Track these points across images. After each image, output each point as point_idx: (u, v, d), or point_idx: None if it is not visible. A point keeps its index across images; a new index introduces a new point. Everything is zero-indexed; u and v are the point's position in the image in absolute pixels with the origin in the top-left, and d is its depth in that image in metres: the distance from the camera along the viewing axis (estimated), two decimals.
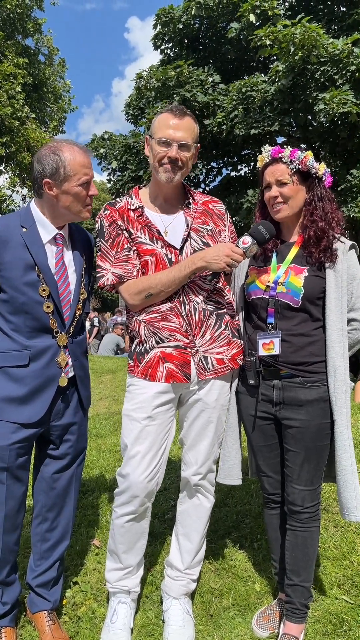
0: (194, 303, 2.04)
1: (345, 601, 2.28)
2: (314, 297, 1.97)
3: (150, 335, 2.04)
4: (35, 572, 2.15)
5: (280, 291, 1.99)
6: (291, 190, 1.99)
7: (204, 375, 2.05)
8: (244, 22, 9.80)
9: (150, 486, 2.05)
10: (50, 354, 1.97)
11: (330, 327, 1.96)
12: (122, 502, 2.07)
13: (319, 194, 2.01)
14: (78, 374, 2.08)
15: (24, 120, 13.94)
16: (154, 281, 1.99)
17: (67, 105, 17.91)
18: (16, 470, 1.96)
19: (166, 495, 3.27)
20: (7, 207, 15.50)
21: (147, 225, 2.07)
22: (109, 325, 14.39)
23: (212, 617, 2.25)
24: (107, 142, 11.58)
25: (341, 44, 8.17)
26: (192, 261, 1.96)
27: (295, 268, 2.01)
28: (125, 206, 2.10)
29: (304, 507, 2.05)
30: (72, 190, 1.91)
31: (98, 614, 2.25)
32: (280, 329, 2.00)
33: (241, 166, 12.40)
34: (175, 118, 2.01)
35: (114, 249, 2.06)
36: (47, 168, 1.88)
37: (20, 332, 1.94)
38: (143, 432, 2.04)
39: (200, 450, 2.14)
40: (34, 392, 1.94)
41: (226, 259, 1.92)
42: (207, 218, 2.16)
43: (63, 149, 1.89)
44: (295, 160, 1.97)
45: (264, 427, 2.12)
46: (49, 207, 1.96)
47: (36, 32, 15.95)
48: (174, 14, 11.29)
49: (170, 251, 2.05)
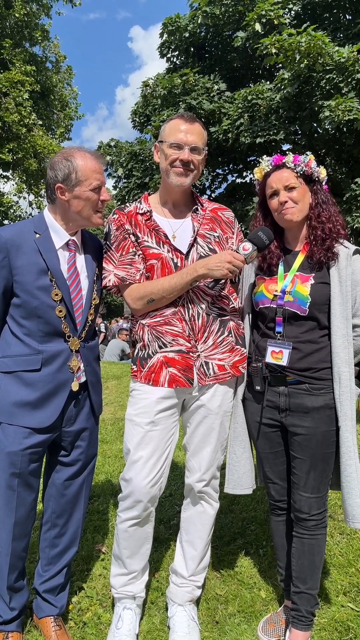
0: (197, 308, 2.06)
1: (351, 609, 2.27)
2: (320, 305, 1.98)
3: (154, 340, 2.06)
4: (43, 578, 2.16)
5: (288, 300, 2.01)
6: (299, 193, 2.01)
7: (205, 380, 2.06)
8: (250, 31, 9.88)
9: (153, 491, 2.06)
10: (63, 358, 1.98)
11: (335, 333, 1.97)
12: (126, 507, 2.08)
13: (322, 197, 2.05)
14: (90, 379, 2.10)
15: (31, 127, 14.07)
16: (156, 287, 2.01)
17: (73, 112, 18.05)
18: (28, 477, 1.97)
19: (172, 502, 3.28)
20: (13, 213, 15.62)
21: (154, 229, 2.10)
22: (114, 331, 14.42)
23: (217, 624, 2.25)
24: (113, 149, 11.66)
25: (347, 51, 8.22)
26: (194, 268, 1.98)
27: (302, 276, 2.02)
28: (134, 210, 2.14)
29: (311, 515, 2.05)
30: (84, 195, 1.94)
31: (104, 619, 2.25)
32: (288, 336, 2.01)
33: (247, 173, 12.47)
34: (187, 123, 2.07)
35: (119, 251, 2.09)
36: (60, 173, 1.93)
37: (32, 337, 1.95)
38: (146, 437, 2.05)
39: (203, 456, 2.15)
40: (46, 396, 1.96)
41: (228, 266, 1.94)
42: (215, 225, 2.19)
43: (75, 155, 1.94)
44: (299, 164, 2.00)
45: (270, 434, 2.13)
46: (61, 212, 2.00)
47: (44, 40, 16.10)
48: (181, 23, 11.41)
49: (177, 256, 2.07)
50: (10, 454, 1.93)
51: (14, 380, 1.95)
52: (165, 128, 2.11)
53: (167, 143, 2.06)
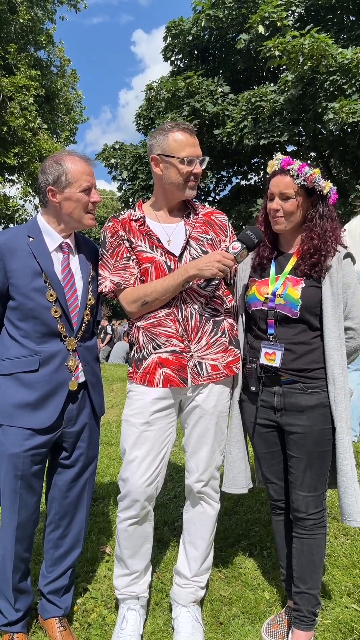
0: (191, 309, 2.09)
1: (355, 610, 2.27)
2: (312, 308, 2.00)
3: (148, 342, 2.09)
4: (47, 579, 2.18)
5: (279, 303, 2.02)
6: (292, 205, 2.01)
7: (198, 380, 2.09)
8: (253, 33, 9.91)
9: (150, 490, 2.08)
10: (60, 358, 2.01)
11: (328, 335, 1.99)
12: (124, 507, 2.11)
13: (322, 211, 2.02)
14: (89, 379, 2.12)
15: (36, 131, 14.15)
16: (148, 289, 2.05)
17: (78, 116, 18.11)
18: (30, 479, 1.99)
19: (176, 503, 3.29)
20: (19, 217, 15.69)
21: (147, 233, 2.14)
22: (120, 333, 14.46)
23: (221, 625, 2.26)
24: (117, 152, 11.73)
25: (350, 53, 8.23)
26: (185, 269, 2.02)
27: (293, 279, 2.04)
28: (127, 217, 2.19)
29: (308, 514, 2.06)
30: (74, 197, 1.99)
31: (108, 620, 2.27)
32: (280, 338, 2.03)
33: (251, 175, 12.47)
34: (192, 137, 2.13)
35: (113, 258, 2.13)
36: (50, 176, 1.98)
37: (30, 338, 1.99)
38: (141, 437, 2.08)
39: (201, 457, 2.17)
40: (45, 396, 1.98)
41: (217, 265, 1.97)
42: (208, 228, 2.22)
43: (65, 159, 2.00)
44: (302, 176, 1.97)
45: (266, 435, 2.15)
46: (53, 214, 2.04)
47: (48, 44, 16.17)
48: (184, 26, 11.47)
49: (170, 259, 2.11)
50: (12, 456, 1.95)
51: (13, 382, 1.97)
52: (169, 143, 2.09)
53: (179, 159, 2.08)
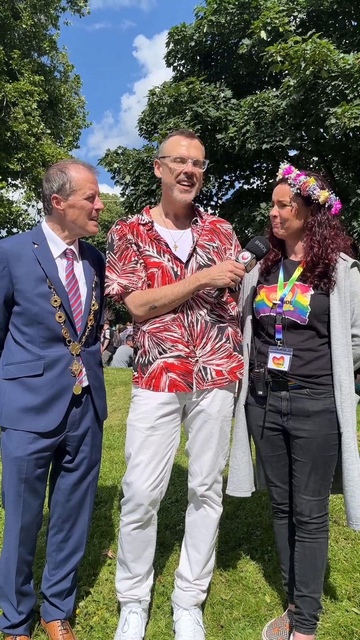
0: (196, 315, 2.11)
1: (355, 613, 2.29)
2: (320, 315, 2.03)
3: (154, 346, 2.11)
4: (50, 582, 2.19)
5: (288, 309, 2.05)
6: (288, 213, 2.06)
7: (202, 385, 2.11)
8: (255, 39, 9.94)
9: (154, 494, 2.10)
10: (64, 362, 2.04)
11: (335, 342, 2.02)
12: (128, 511, 2.13)
13: (319, 219, 2.05)
14: (92, 383, 2.15)
15: (40, 137, 14.22)
16: (158, 294, 2.07)
17: (81, 121, 18.19)
18: (34, 482, 2.02)
19: (178, 507, 3.30)
20: (22, 222, 15.75)
21: (155, 238, 2.17)
22: (122, 337, 14.46)
23: (222, 628, 2.27)
24: (120, 156, 11.75)
25: (352, 58, 8.24)
26: (197, 278, 2.05)
27: (302, 286, 2.07)
28: (136, 221, 2.22)
29: (312, 518, 2.08)
30: (78, 204, 2.03)
31: (110, 623, 2.28)
32: (288, 344, 2.05)
33: (253, 179, 12.48)
34: (187, 139, 2.17)
35: (121, 261, 2.16)
36: (55, 185, 2.02)
37: (34, 343, 2.02)
38: (146, 442, 2.10)
39: (204, 461, 2.18)
40: (49, 401, 2.01)
41: (230, 275, 2.01)
42: (214, 236, 2.26)
43: (69, 167, 2.04)
44: (297, 184, 2.02)
45: (272, 438, 2.16)
46: (58, 221, 2.08)
47: (52, 50, 16.27)
48: (186, 32, 11.51)
49: (177, 264, 2.13)
50: (16, 460, 1.98)
51: (17, 386, 2.00)
52: (166, 145, 2.19)
53: (171, 157, 2.13)
